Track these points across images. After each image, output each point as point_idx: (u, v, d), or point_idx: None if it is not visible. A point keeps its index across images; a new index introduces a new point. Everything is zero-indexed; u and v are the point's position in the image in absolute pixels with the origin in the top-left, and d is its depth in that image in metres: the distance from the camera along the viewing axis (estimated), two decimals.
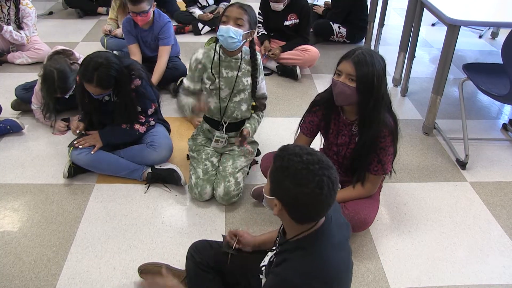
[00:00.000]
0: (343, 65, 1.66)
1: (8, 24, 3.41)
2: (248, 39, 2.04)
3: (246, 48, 2.13)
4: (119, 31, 3.52)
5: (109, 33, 3.57)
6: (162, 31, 3.00)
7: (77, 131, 2.27)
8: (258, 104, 2.23)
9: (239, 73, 2.11)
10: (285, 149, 1.16)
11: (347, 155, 1.87)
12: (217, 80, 2.11)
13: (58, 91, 2.47)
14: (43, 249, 1.91)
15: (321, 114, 1.89)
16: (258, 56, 2.16)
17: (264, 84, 2.26)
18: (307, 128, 1.94)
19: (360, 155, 1.79)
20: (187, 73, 2.18)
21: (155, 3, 2.95)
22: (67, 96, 2.57)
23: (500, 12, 2.79)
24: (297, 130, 1.98)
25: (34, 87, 2.69)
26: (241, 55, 2.11)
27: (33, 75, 3.14)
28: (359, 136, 1.78)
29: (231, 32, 1.93)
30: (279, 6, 3.37)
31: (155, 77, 2.98)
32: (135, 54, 3.05)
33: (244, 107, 2.19)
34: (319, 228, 1.19)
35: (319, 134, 1.99)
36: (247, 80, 2.14)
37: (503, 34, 4.45)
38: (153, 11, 2.96)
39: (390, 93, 1.73)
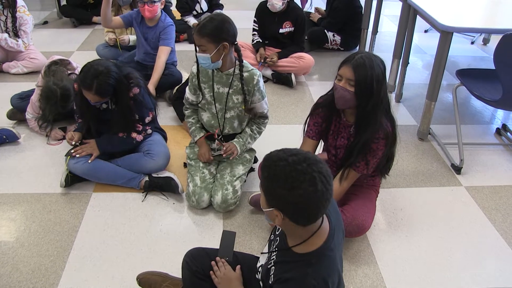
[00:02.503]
0: (343, 70, 1.69)
1: (7, 33, 3.41)
2: (224, 53, 1.96)
3: (246, 62, 2.08)
4: (126, 38, 3.56)
5: (114, 41, 3.60)
6: (164, 32, 3.07)
7: (73, 142, 2.26)
8: (252, 116, 2.18)
9: (230, 90, 2.10)
10: (269, 157, 1.15)
11: None
12: (208, 95, 2.14)
13: (60, 109, 2.47)
14: (40, 259, 1.90)
15: (324, 115, 1.91)
16: (257, 75, 2.08)
17: (264, 104, 2.17)
18: (313, 130, 1.95)
19: (351, 152, 1.80)
20: (188, 84, 2.21)
21: (164, 0, 3.02)
22: None
23: (491, 19, 2.84)
24: (303, 136, 1.99)
25: (30, 96, 2.68)
26: (234, 70, 2.06)
27: (28, 85, 3.13)
28: (354, 136, 1.80)
29: (201, 60, 1.98)
30: (278, 3, 3.34)
31: (155, 77, 3.03)
32: (116, 21, 3.07)
33: (236, 123, 2.21)
34: (323, 244, 1.20)
35: None
36: (238, 98, 2.12)
37: (494, 40, 4.51)
38: (161, 12, 3.05)
39: (390, 97, 1.75)
